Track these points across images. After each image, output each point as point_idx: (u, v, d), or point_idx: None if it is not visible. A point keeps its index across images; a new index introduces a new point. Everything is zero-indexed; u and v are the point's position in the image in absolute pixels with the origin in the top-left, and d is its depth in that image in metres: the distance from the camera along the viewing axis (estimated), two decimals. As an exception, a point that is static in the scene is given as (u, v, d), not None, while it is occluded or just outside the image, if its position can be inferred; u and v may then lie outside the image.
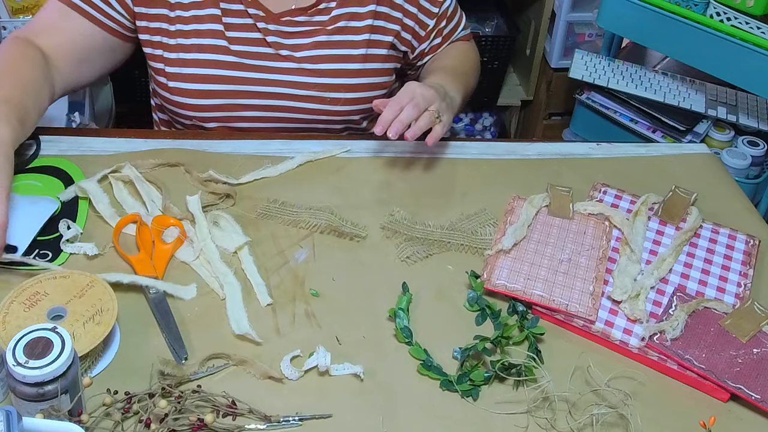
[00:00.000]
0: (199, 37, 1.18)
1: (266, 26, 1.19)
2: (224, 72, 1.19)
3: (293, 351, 0.88)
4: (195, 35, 1.18)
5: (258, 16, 1.19)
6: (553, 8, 2.24)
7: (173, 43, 1.18)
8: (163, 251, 0.99)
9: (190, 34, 1.18)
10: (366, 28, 1.23)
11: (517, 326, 0.94)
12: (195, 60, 1.18)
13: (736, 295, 1.00)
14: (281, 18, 1.20)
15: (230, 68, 1.19)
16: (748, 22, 1.62)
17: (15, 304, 0.85)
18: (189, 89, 1.19)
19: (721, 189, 1.21)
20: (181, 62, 1.18)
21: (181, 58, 1.18)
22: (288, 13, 1.20)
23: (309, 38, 1.21)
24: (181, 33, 1.18)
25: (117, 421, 0.78)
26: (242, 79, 1.20)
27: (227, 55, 1.19)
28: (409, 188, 1.14)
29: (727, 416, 0.87)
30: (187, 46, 1.18)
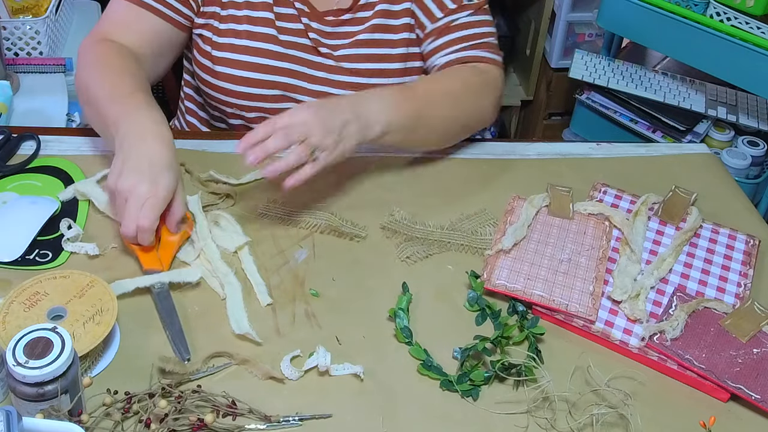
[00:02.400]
0: (251, 24, 1.17)
1: (309, 22, 1.18)
2: (271, 62, 1.18)
3: (293, 351, 0.88)
4: (247, 21, 1.17)
5: (303, 11, 1.18)
6: (553, 8, 2.24)
7: (224, 28, 1.18)
8: (169, 243, 0.98)
9: (242, 20, 1.17)
10: (403, 27, 1.20)
11: (517, 326, 0.94)
12: (245, 47, 1.17)
13: (736, 295, 1.00)
14: (325, 16, 1.19)
15: (277, 59, 1.18)
16: (748, 22, 1.62)
17: (15, 304, 0.85)
18: (236, 75, 1.18)
19: (721, 189, 1.21)
20: (231, 47, 1.18)
21: (231, 44, 1.17)
22: (332, 12, 1.19)
23: (348, 38, 1.20)
24: (233, 18, 1.17)
25: (117, 421, 0.78)
26: (287, 71, 1.19)
27: (276, 45, 1.18)
28: (409, 188, 1.14)
29: (727, 416, 0.87)
30: (238, 32, 1.17)
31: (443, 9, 1.20)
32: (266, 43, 1.18)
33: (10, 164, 1.10)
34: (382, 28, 1.20)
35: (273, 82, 1.19)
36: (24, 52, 1.60)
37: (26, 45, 1.59)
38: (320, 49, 1.19)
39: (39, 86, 1.54)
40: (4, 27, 1.55)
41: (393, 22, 1.20)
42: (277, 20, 1.18)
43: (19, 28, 1.57)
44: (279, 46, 1.18)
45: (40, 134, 1.15)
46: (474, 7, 1.22)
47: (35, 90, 1.52)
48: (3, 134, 1.14)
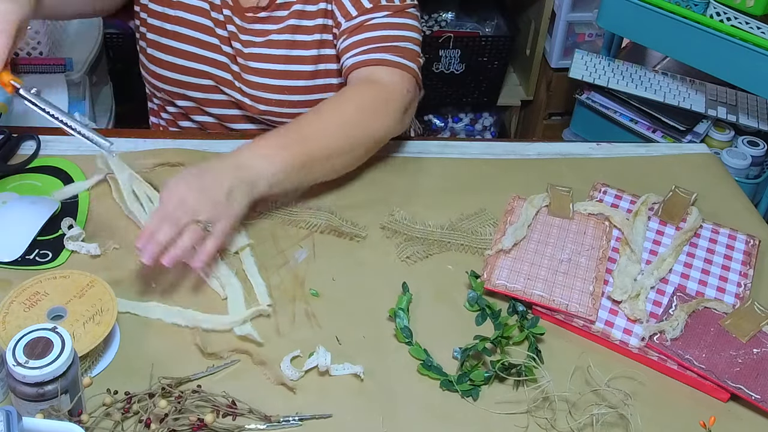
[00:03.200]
0: (184, 10, 1.18)
1: (231, 15, 1.18)
2: (203, 52, 1.19)
3: (293, 351, 0.88)
4: (180, 7, 1.18)
5: (227, 5, 1.18)
6: (553, 8, 2.24)
7: (159, 10, 1.19)
8: None
9: (176, 6, 1.18)
10: (317, 28, 1.18)
11: (517, 326, 0.94)
12: (175, 33, 1.19)
13: (736, 295, 1.00)
14: (245, 13, 1.17)
15: (207, 49, 1.19)
16: (748, 22, 1.62)
17: (15, 304, 0.85)
18: (165, 60, 1.20)
19: (721, 189, 1.21)
20: (162, 31, 1.19)
21: (162, 27, 1.19)
22: (252, 9, 1.17)
23: (262, 37, 1.18)
24: (168, 2, 1.19)
25: (117, 421, 0.78)
26: (216, 62, 1.20)
27: (208, 36, 1.19)
28: (409, 188, 1.14)
29: (727, 416, 0.87)
30: (170, 17, 1.19)
31: (359, 8, 1.14)
32: (198, 32, 1.19)
33: (10, 164, 1.10)
34: (296, 29, 1.18)
35: (203, 72, 1.20)
36: (24, 52, 1.59)
37: (26, 45, 1.59)
38: (234, 44, 1.19)
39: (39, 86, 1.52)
40: (4, 27, 1.55)
41: (307, 23, 1.18)
42: (212, 11, 1.18)
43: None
44: (211, 36, 1.19)
45: (40, 134, 1.15)
46: (393, 9, 1.14)
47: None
48: (3, 134, 1.14)
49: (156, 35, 1.20)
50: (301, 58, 1.19)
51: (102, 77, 1.88)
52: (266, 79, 1.18)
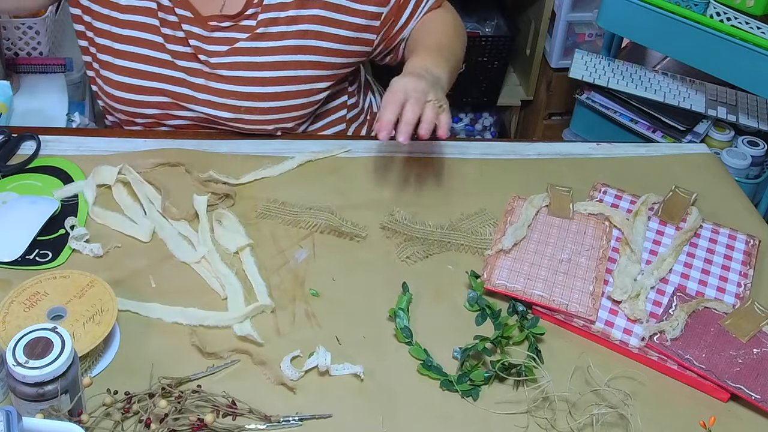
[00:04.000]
0: (134, 29, 1.15)
1: (191, 28, 1.14)
2: (157, 69, 1.16)
3: (293, 351, 0.88)
4: (130, 26, 1.15)
5: (185, 17, 1.14)
6: (553, 8, 2.23)
7: (105, 29, 1.16)
8: None
9: (125, 24, 1.15)
10: (295, 34, 1.15)
11: (517, 326, 0.94)
12: (128, 53, 1.16)
13: (736, 295, 1.00)
14: (208, 22, 1.14)
15: (163, 66, 1.16)
16: (748, 22, 1.62)
17: (15, 304, 0.85)
18: (119, 81, 1.17)
19: (721, 189, 1.21)
20: (112, 51, 1.16)
21: (111, 47, 1.16)
22: (215, 17, 1.15)
23: (228, 45, 1.15)
24: (114, 20, 1.15)
25: (117, 421, 0.78)
26: (171, 78, 1.17)
27: (162, 53, 1.16)
28: (409, 188, 1.14)
29: (727, 416, 0.87)
30: (118, 36, 1.15)
31: None
32: (151, 50, 1.16)
33: (10, 164, 1.10)
34: (263, 36, 1.15)
35: (159, 90, 1.17)
36: (24, 52, 1.60)
37: (26, 45, 1.59)
38: (200, 56, 1.15)
39: (39, 86, 1.53)
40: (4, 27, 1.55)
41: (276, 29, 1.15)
42: (163, 27, 1.15)
43: (19, 28, 1.57)
44: (166, 54, 1.16)
45: (40, 134, 1.15)
46: None
47: (35, 90, 1.52)
48: (3, 134, 1.14)
49: (107, 56, 1.17)
50: (270, 65, 1.16)
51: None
52: (235, 87, 1.16)
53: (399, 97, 1.01)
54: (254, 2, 1.14)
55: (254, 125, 1.19)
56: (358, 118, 1.35)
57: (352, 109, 1.33)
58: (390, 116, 0.99)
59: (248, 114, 1.17)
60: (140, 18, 1.15)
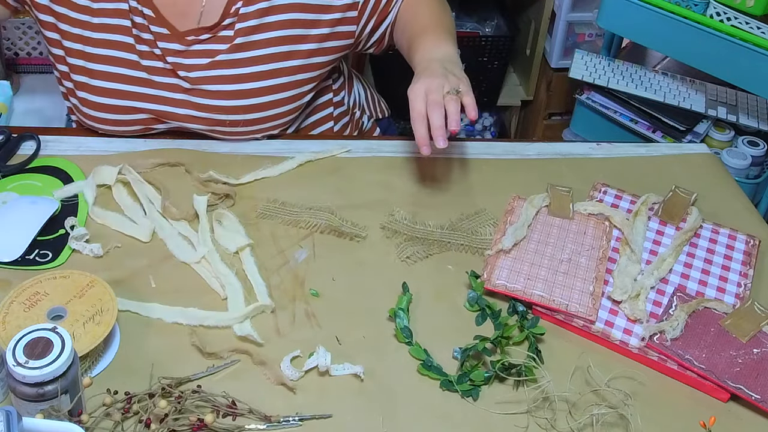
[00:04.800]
0: (109, 48, 1.12)
1: (167, 45, 1.12)
2: (134, 88, 1.13)
3: (293, 351, 0.88)
4: (104, 45, 1.12)
5: (160, 35, 1.12)
6: (553, 8, 2.23)
7: (75, 48, 1.12)
8: None
9: (99, 44, 1.12)
10: (271, 41, 1.14)
11: (517, 326, 0.94)
12: (103, 72, 1.12)
13: (736, 295, 1.00)
14: (185, 37, 1.12)
15: (140, 84, 1.13)
16: (748, 22, 1.62)
17: (15, 304, 0.85)
18: (96, 102, 1.14)
19: (721, 189, 1.21)
20: (86, 71, 1.13)
21: (85, 67, 1.13)
22: (192, 32, 1.12)
23: (208, 57, 1.13)
24: (84, 39, 1.12)
25: (117, 421, 0.78)
26: (149, 97, 1.14)
27: (139, 71, 1.13)
28: (409, 188, 1.14)
29: (727, 416, 0.88)
30: (92, 56, 1.12)
31: None
32: (127, 68, 1.13)
33: (10, 164, 1.10)
34: (242, 46, 1.13)
35: (138, 108, 1.14)
36: (24, 52, 1.60)
37: (26, 45, 1.59)
38: (179, 72, 1.13)
39: (39, 86, 1.54)
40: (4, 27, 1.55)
41: (255, 38, 1.13)
42: (138, 44, 1.12)
43: (19, 28, 1.57)
44: (142, 72, 1.13)
45: (40, 134, 1.15)
46: None
47: (35, 90, 1.52)
48: (3, 134, 1.14)
49: (82, 76, 1.13)
50: (252, 75, 1.14)
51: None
52: (217, 101, 1.14)
53: (421, 108, 1.03)
54: (230, 12, 1.12)
55: (238, 135, 1.18)
56: (345, 116, 1.34)
57: (338, 107, 1.31)
58: (422, 131, 1.03)
59: (231, 126, 1.16)
60: (113, 36, 1.12)
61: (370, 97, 1.43)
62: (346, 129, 1.34)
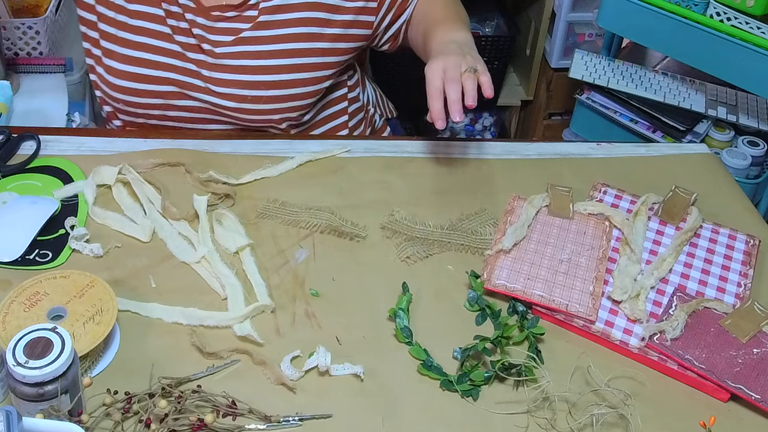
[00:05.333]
0: (141, 19, 1.16)
1: (194, 18, 1.16)
2: (161, 59, 1.17)
3: (293, 351, 0.88)
4: (137, 16, 1.16)
5: (187, 7, 1.16)
6: (553, 8, 2.23)
7: (111, 16, 1.17)
8: None
9: (132, 14, 1.16)
10: (295, 22, 1.18)
11: (517, 326, 0.94)
12: (134, 42, 1.16)
13: (736, 295, 1.00)
14: (211, 12, 1.16)
15: (168, 56, 1.17)
16: (748, 22, 1.62)
17: (15, 304, 0.85)
18: (122, 70, 1.17)
19: (721, 189, 1.21)
20: (116, 39, 1.17)
21: (116, 35, 1.17)
22: (218, 7, 1.16)
23: (232, 35, 1.17)
24: (121, 8, 1.16)
25: (117, 421, 0.78)
26: (175, 68, 1.18)
27: (169, 43, 1.17)
28: (409, 188, 1.14)
29: (727, 416, 0.87)
30: (125, 25, 1.16)
31: None
32: (158, 40, 1.17)
33: (10, 164, 1.10)
34: (267, 24, 1.17)
35: (165, 79, 1.18)
36: (24, 52, 1.60)
37: (26, 45, 1.59)
38: (203, 45, 1.17)
39: (39, 86, 1.54)
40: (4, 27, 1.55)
41: (281, 17, 1.17)
42: (168, 18, 1.17)
43: (19, 28, 1.57)
44: (171, 44, 1.17)
45: (40, 134, 1.15)
46: None
47: (35, 90, 1.52)
48: (3, 134, 1.14)
49: (111, 44, 1.17)
50: (275, 53, 1.17)
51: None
52: (240, 76, 1.17)
53: (438, 84, 1.05)
54: None
55: (259, 115, 1.20)
56: (360, 112, 1.36)
57: (353, 103, 1.33)
58: (438, 105, 1.04)
59: (253, 104, 1.18)
60: (146, 8, 1.16)
61: (379, 97, 1.46)
62: (360, 125, 1.36)
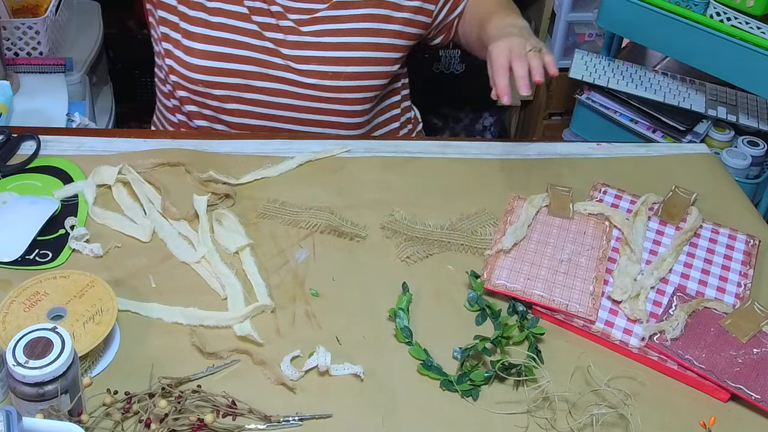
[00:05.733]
0: (223, 1, 1.21)
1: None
2: (243, 38, 1.21)
3: (293, 351, 0.88)
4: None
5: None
6: (553, 8, 2.23)
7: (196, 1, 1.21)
8: None
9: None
10: (364, 3, 1.23)
11: (517, 326, 0.94)
12: (216, 23, 1.20)
13: (736, 295, 1.00)
14: None
15: (249, 35, 1.21)
16: (748, 22, 1.62)
17: (15, 304, 0.85)
18: (203, 50, 1.21)
19: (721, 189, 1.21)
20: (200, 21, 1.20)
21: (197, 17, 1.20)
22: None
23: (309, 14, 1.22)
24: None
25: (117, 421, 0.78)
26: (256, 47, 1.21)
27: (248, 23, 1.21)
28: (409, 188, 1.14)
29: (727, 416, 0.87)
30: (207, 8, 1.21)
31: None
32: (237, 20, 1.21)
33: (10, 164, 1.10)
34: (342, 4, 1.23)
35: (244, 57, 1.21)
36: (24, 52, 1.60)
37: (26, 45, 1.59)
38: (280, 23, 1.21)
39: (39, 86, 1.54)
40: (4, 27, 1.55)
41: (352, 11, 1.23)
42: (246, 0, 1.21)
43: (19, 28, 1.57)
44: (250, 24, 1.21)
45: (40, 134, 1.15)
46: None
47: (35, 90, 1.52)
48: (3, 134, 1.14)
49: (192, 25, 1.21)
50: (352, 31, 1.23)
51: (102, 77, 1.89)
52: (321, 52, 1.22)
53: (503, 61, 1.07)
54: None
55: (338, 93, 1.24)
56: (408, 124, 1.42)
57: (404, 113, 1.40)
58: (504, 80, 1.06)
59: (334, 80, 1.23)
60: None
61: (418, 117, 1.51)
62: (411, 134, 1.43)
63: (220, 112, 1.26)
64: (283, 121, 1.27)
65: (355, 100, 1.27)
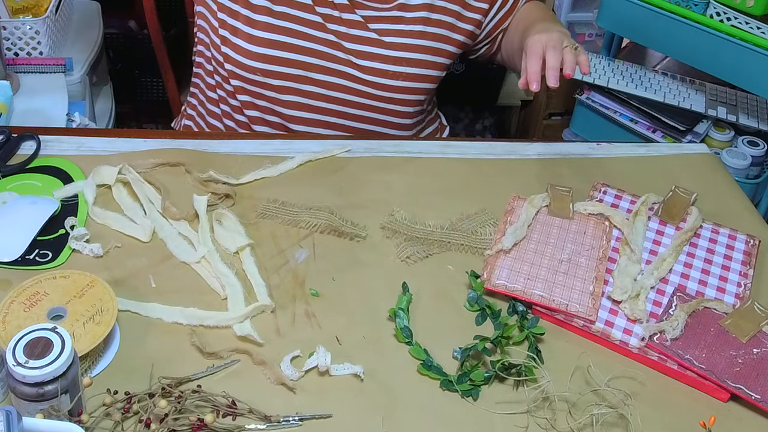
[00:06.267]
0: None
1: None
2: (304, 29, 1.22)
3: (293, 351, 0.88)
4: None
5: None
6: (553, 8, 2.23)
7: None
8: None
9: None
10: (421, 6, 1.25)
11: (517, 326, 0.94)
12: (276, 12, 1.21)
13: (736, 295, 1.00)
14: None
15: (311, 27, 1.22)
16: (748, 22, 1.62)
17: (15, 304, 0.85)
18: (261, 37, 1.21)
19: (721, 189, 1.21)
20: (263, 9, 1.21)
21: (263, 5, 1.21)
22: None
23: (375, 12, 1.24)
24: None
25: (117, 421, 0.78)
26: (318, 39, 1.22)
27: (311, 14, 1.22)
28: (409, 188, 1.14)
29: (727, 416, 0.88)
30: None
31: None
32: (299, 10, 1.22)
33: (10, 164, 1.10)
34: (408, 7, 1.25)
35: (304, 48, 1.22)
36: (24, 52, 1.60)
37: (26, 45, 1.59)
38: (343, 15, 1.22)
39: (39, 86, 1.54)
40: (4, 27, 1.55)
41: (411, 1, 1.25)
42: None
43: (19, 28, 1.57)
44: (314, 15, 1.22)
45: (40, 134, 1.15)
46: None
47: (35, 90, 1.52)
48: (3, 134, 1.14)
49: (254, 13, 1.21)
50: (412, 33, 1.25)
51: (102, 77, 1.89)
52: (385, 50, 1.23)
53: (539, 50, 1.08)
54: None
55: (395, 93, 1.26)
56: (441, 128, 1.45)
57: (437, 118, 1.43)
58: (536, 68, 1.07)
59: (393, 79, 1.24)
60: None
61: None
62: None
63: (275, 103, 1.27)
64: (337, 115, 1.28)
65: (410, 101, 1.28)
